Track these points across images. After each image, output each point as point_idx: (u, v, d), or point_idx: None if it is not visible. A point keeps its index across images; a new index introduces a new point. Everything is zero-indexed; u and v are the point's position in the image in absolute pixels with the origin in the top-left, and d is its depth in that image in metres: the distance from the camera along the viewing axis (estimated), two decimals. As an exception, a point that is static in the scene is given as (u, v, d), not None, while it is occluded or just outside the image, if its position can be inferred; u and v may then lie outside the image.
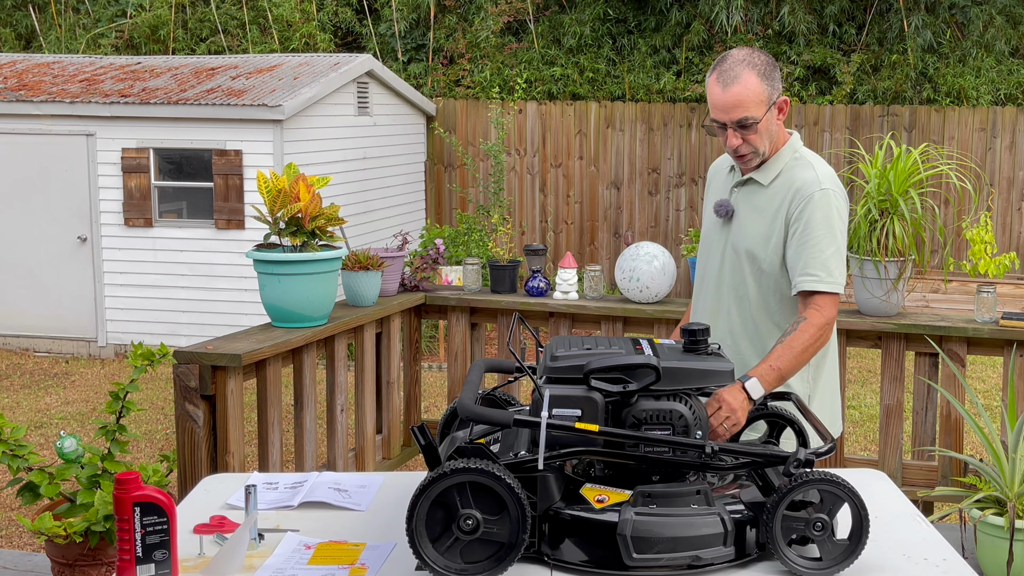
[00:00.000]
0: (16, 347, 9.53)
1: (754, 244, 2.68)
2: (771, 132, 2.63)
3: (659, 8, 11.93)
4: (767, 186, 2.68)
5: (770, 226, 2.66)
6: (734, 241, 2.73)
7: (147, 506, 1.83)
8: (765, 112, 2.58)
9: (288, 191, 3.89)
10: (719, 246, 2.77)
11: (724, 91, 2.56)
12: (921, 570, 1.91)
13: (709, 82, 2.61)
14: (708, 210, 2.85)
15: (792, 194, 2.63)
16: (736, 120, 2.57)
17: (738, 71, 2.56)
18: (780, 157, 2.69)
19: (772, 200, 2.67)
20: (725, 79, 2.56)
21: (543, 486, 1.87)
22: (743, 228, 2.71)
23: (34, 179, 9.33)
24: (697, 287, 2.90)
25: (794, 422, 2.27)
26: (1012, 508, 3.85)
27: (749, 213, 2.71)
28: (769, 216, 2.67)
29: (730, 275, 2.74)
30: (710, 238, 2.82)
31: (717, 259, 2.77)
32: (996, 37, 11.06)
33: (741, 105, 2.56)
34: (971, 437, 5.50)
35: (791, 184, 2.65)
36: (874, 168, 4.35)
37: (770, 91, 2.58)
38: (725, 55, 2.62)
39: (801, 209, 2.60)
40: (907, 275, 4.30)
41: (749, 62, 2.57)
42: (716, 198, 2.82)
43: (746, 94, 2.55)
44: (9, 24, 13.32)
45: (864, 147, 7.30)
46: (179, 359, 3.64)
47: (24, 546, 5.01)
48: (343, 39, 12.97)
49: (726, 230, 2.76)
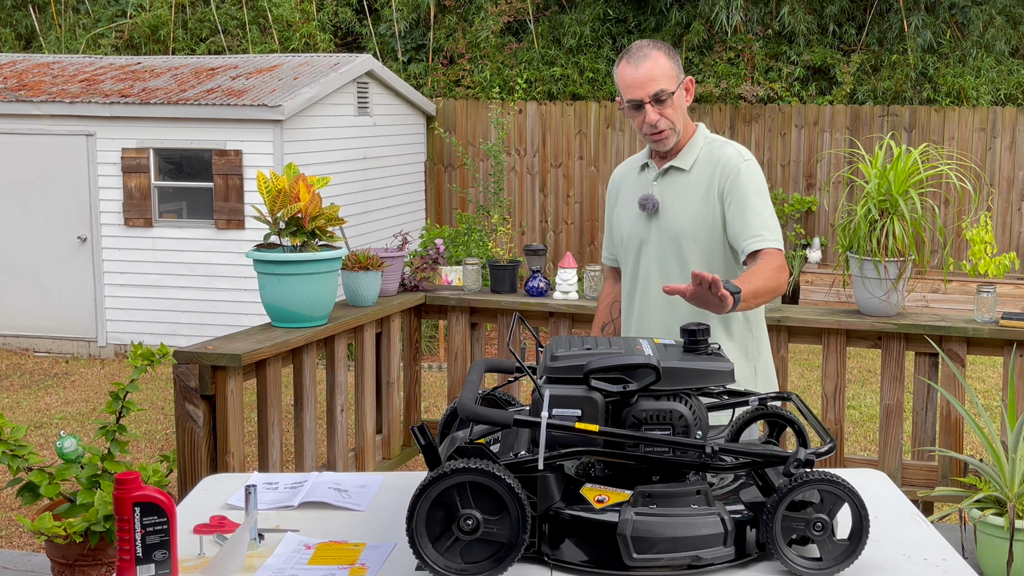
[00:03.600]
0: (16, 347, 9.53)
1: (691, 226, 2.79)
2: (683, 110, 2.79)
3: (659, 8, 11.93)
4: (689, 170, 2.81)
5: (702, 205, 2.78)
6: (668, 230, 2.82)
7: (147, 506, 1.83)
8: (676, 87, 2.73)
9: (288, 191, 3.89)
10: (651, 240, 2.85)
11: (637, 68, 2.71)
12: (921, 570, 1.91)
13: (620, 68, 2.75)
14: (625, 211, 2.93)
15: (719, 171, 2.77)
16: (652, 94, 2.70)
17: (647, 51, 2.73)
18: (694, 143, 2.83)
19: (698, 182, 2.80)
20: (636, 59, 2.72)
21: (543, 486, 1.87)
22: (674, 214, 2.81)
23: (34, 179, 9.34)
24: (630, 286, 2.94)
25: (794, 422, 2.28)
26: (1012, 508, 3.85)
27: (676, 199, 2.81)
28: (699, 197, 2.79)
29: (672, 265, 2.82)
30: (635, 237, 2.89)
31: (653, 253, 2.85)
32: (996, 37, 11.07)
33: (654, 79, 2.70)
34: (971, 437, 5.50)
35: (714, 162, 2.79)
36: (874, 168, 4.35)
37: (677, 70, 2.76)
38: (630, 46, 2.78)
39: (732, 182, 2.74)
40: (907, 275, 4.30)
41: (654, 45, 2.75)
42: (634, 195, 2.90)
43: (658, 69, 2.71)
44: (9, 24, 13.32)
45: (864, 147, 7.30)
46: (179, 359, 3.64)
47: (24, 546, 5.01)
48: (343, 39, 12.98)
49: (654, 222, 2.84)
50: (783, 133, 11.03)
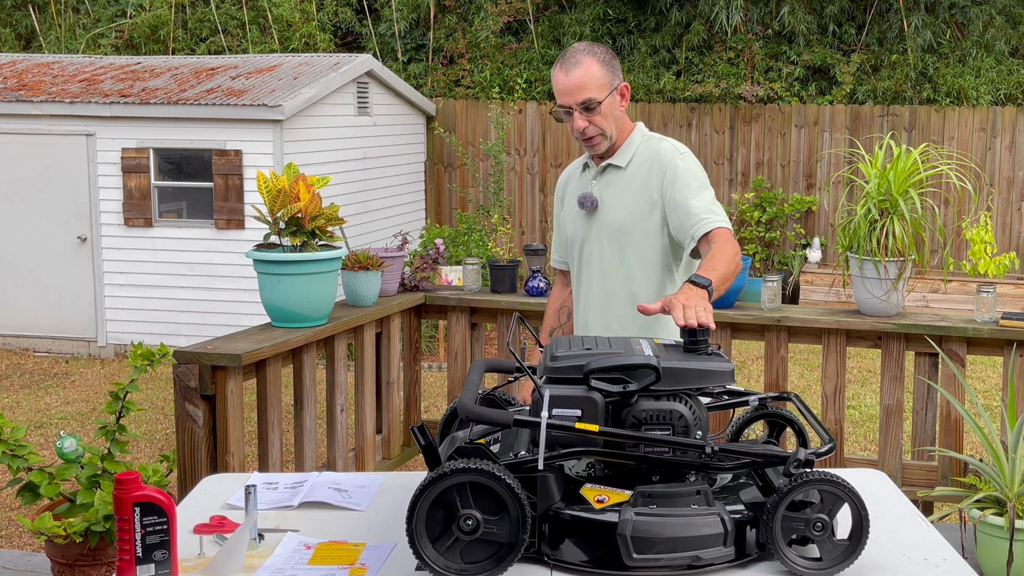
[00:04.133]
0: (16, 347, 9.53)
1: (628, 221, 2.83)
2: (616, 116, 2.80)
3: (659, 8, 11.93)
4: (626, 168, 2.85)
5: (640, 201, 2.82)
6: (607, 226, 2.86)
7: (147, 506, 1.83)
8: (607, 95, 2.75)
9: (288, 191, 3.89)
10: (592, 238, 2.89)
11: (567, 75, 2.73)
12: (921, 570, 1.91)
13: (554, 72, 2.78)
14: (567, 210, 2.98)
15: (656, 166, 2.81)
16: (580, 102, 2.73)
17: (579, 58, 2.74)
18: (632, 141, 2.87)
19: (635, 178, 2.83)
20: (567, 65, 2.74)
21: (543, 486, 1.87)
22: (613, 211, 2.85)
23: (34, 179, 9.34)
24: (576, 285, 3.00)
25: (794, 422, 2.28)
26: (1012, 508, 3.85)
27: (615, 197, 2.86)
28: (636, 193, 2.83)
29: (611, 261, 2.86)
30: (578, 236, 2.94)
31: (594, 250, 2.89)
32: (996, 37, 11.06)
33: (584, 87, 2.72)
34: (971, 437, 5.50)
35: (651, 158, 2.83)
36: (874, 168, 4.35)
37: (611, 77, 2.76)
38: (568, 48, 2.80)
39: (672, 175, 2.77)
40: (907, 275, 4.30)
41: (589, 51, 2.76)
42: (576, 195, 2.94)
43: (587, 77, 2.72)
44: (9, 24, 13.32)
45: (864, 147, 7.30)
46: (179, 359, 3.64)
47: (24, 546, 5.01)
48: (343, 39, 12.98)
49: (594, 220, 2.89)
50: (783, 133, 11.03)
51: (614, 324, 2.86)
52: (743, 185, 11.13)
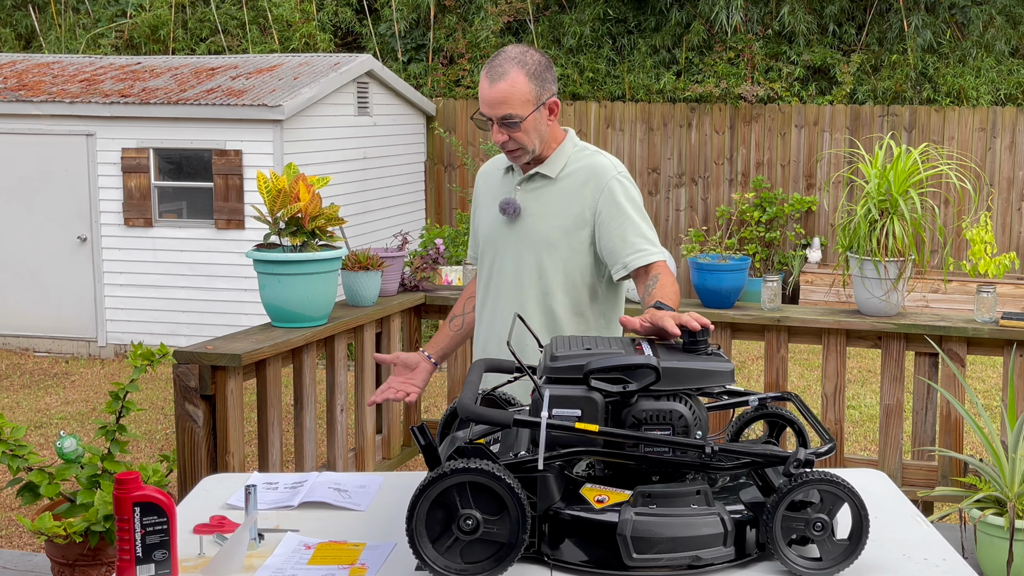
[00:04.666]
0: (16, 347, 9.53)
1: (553, 235, 2.67)
2: (540, 131, 2.63)
3: (659, 8, 11.93)
4: (556, 179, 2.69)
5: (569, 216, 2.66)
6: (529, 237, 2.70)
7: (147, 506, 1.83)
8: (532, 112, 2.57)
9: (288, 191, 3.89)
10: (510, 245, 2.73)
11: (491, 87, 2.55)
12: (921, 570, 1.91)
13: (481, 76, 2.59)
14: (486, 211, 2.81)
15: (592, 183, 2.66)
16: (500, 116, 2.56)
17: (507, 68, 2.55)
18: (563, 151, 2.71)
19: (566, 191, 2.68)
20: (493, 75, 2.55)
21: (543, 486, 1.87)
22: (537, 223, 2.69)
23: (34, 179, 9.34)
24: (484, 288, 2.83)
25: (794, 422, 2.28)
26: (1012, 508, 3.85)
27: (541, 208, 2.69)
28: (565, 207, 2.67)
29: (529, 274, 2.70)
30: (493, 241, 2.78)
31: (510, 261, 2.73)
32: (996, 37, 11.07)
33: (505, 102, 2.54)
34: (971, 437, 5.50)
35: (586, 173, 2.68)
36: (874, 168, 4.35)
37: (538, 91, 2.57)
38: (500, 51, 2.61)
39: (610, 196, 2.64)
40: (907, 275, 4.30)
41: (520, 60, 2.56)
42: (496, 198, 2.78)
43: (511, 92, 2.54)
44: (9, 24, 13.32)
45: (864, 147, 7.30)
46: (179, 359, 3.64)
47: (24, 546, 5.01)
48: (343, 39, 12.98)
49: (515, 228, 2.72)
50: (783, 133, 11.03)
51: (527, 340, 2.63)
52: (743, 185, 11.13)
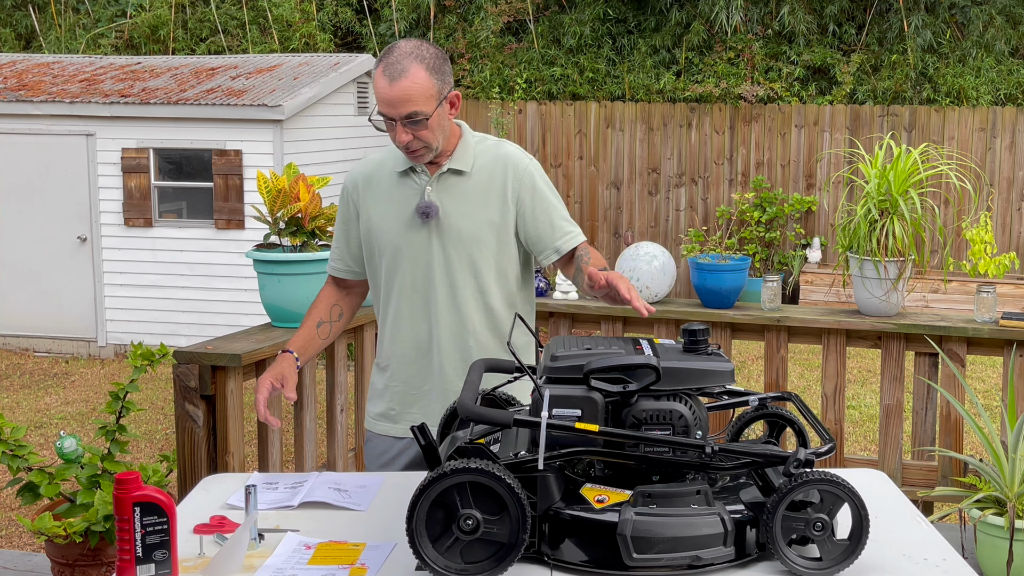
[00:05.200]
0: (16, 347, 9.53)
1: (483, 232, 2.62)
2: (444, 127, 2.54)
3: (659, 8, 11.93)
4: (470, 173, 2.62)
5: (492, 209, 2.62)
6: (455, 236, 2.61)
7: (147, 506, 1.83)
8: (436, 107, 2.47)
9: (288, 191, 3.89)
10: (432, 247, 2.62)
11: (391, 85, 2.41)
12: (921, 570, 1.91)
13: (376, 75, 2.45)
14: (382, 217, 2.65)
15: (508, 172, 2.62)
16: (404, 115, 2.43)
17: (405, 64, 2.42)
18: (466, 144, 2.64)
19: (481, 184, 2.62)
20: (392, 72, 2.42)
21: (543, 486, 1.87)
22: (460, 221, 2.61)
23: (34, 179, 9.34)
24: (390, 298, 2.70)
25: (794, 422, 2.28)
26: (1012, 508, 3.85)
27: (460, 205, 2.61)
28: (485, 200, 2.61)
29: (462, 273, 2.63)
30: (406, 244, 2.63)
31: (436, 263, 2.63)
32: (996, 37, 11.07)
33: (410, 100, 2.42)
34: (971, 437, 5.50)
35: (499, 163, 2.63)
36: (874, 168, 4.35)
37: (440, 85, 2.47)
38: (392, 46, 2.47)
39: (530, 183, 2.63)
40: (907, 275, 4.30)
41: (417, 55, 2.44)
42: (394, 202, 2.64)
43: (415, 89, 2.42)
44: (9, 24, 13.32)
45: (864, 147, 7.30)
46: (179, 359, 3.64)
47: (24, 546, 5.01)
48: (343, 39, 12.98)
49: (435, 229, 2.61)
50: (783, 133, 11.03)
51: (471, 342, 2.62)
52: (743, 185, 11.13)
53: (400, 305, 2.68)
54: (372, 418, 2.85)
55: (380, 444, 2.82)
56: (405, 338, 2.70)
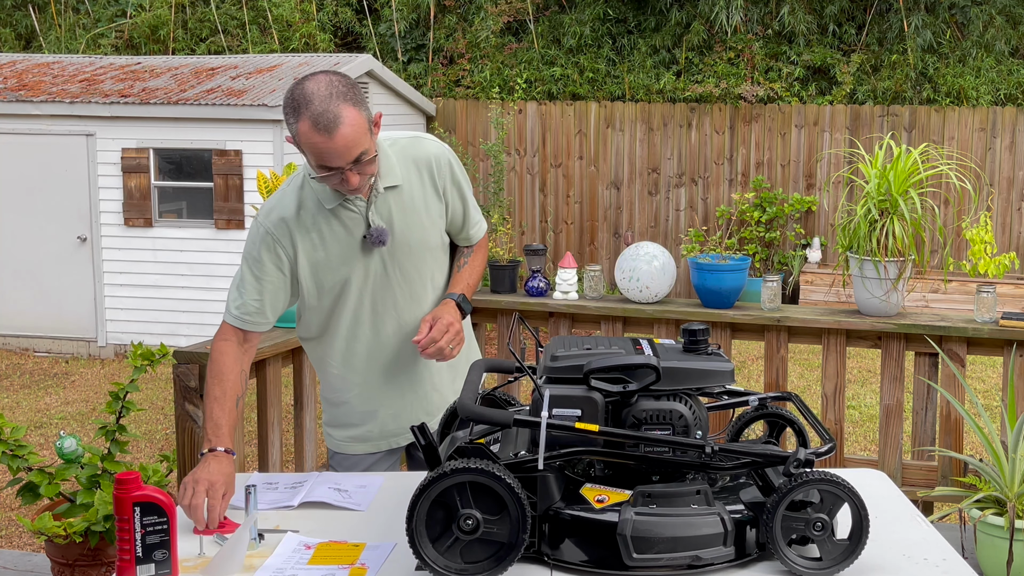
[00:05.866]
0: (16, 347, 9.53)
1: (431, 239, 2.63)
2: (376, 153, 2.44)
3: (659, 8, 11.93)
4: (402, 184, 2.56)
5: (432, 213, 2.62)
6: (405, 253, 2.59)
7: (147, 506, 1.83)
8: (372, 140, 2.36)
9: (288, 191, 3.89)
10: (387, 272, 2.59)
11: (332, 138, 2.27)
12: (921, 570, 1.91)
13: (302, 129, 2.28)
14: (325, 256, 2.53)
15: (432, 169, 2.60)
16: (353, 160, 2.32)
17: (334, 109, 2.26)
18: (386, 157, 2.54)
19: (415, 192, 2.58)
20: (325, 123, 2.26)
21: (543, 486, 1.87)
22: (409, 236, 2.58)
23: (34, 179, 9.34)
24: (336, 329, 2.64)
25: (794, 422, 2.28)
26: (1012, 508, 3.85)
27: (403, 218, 2.56)
28: (421, 206, 2.59)
29: (419, 288, 2.64)
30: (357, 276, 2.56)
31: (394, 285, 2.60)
32: (996, 37, 11.07)
33: (355, 144, 2.29)
34: (971, 437, 5.50)
35: (421, 163, 2.59)
36: (874, 168, 4.35)
37: (367, 115, 2.36)
38: (303, 94, 2.29)
39: (450, 173, 2.64)
40: (907, 275, 4.30)
41: (338, 94, 2.29)
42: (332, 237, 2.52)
43: (355, 131, 2.29)
44: (9, 24, 13.32)
45: (864, 147, 7.31)
46: (179, 359, 3.64)
47: (24, 546, 5.01)
48: (343, 39, 12.98)
49: (383, 255, 2.56)
50: (783, 133, 11.03)
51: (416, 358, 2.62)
52: (743, 185, 11.13)
53: (360, 332, 2.63)
54: (343, 441, 2.77)
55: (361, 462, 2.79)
56: (373, 364, 2.66)
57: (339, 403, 2.75)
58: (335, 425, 2.78)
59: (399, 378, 2.69)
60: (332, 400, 2.76)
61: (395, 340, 2.65)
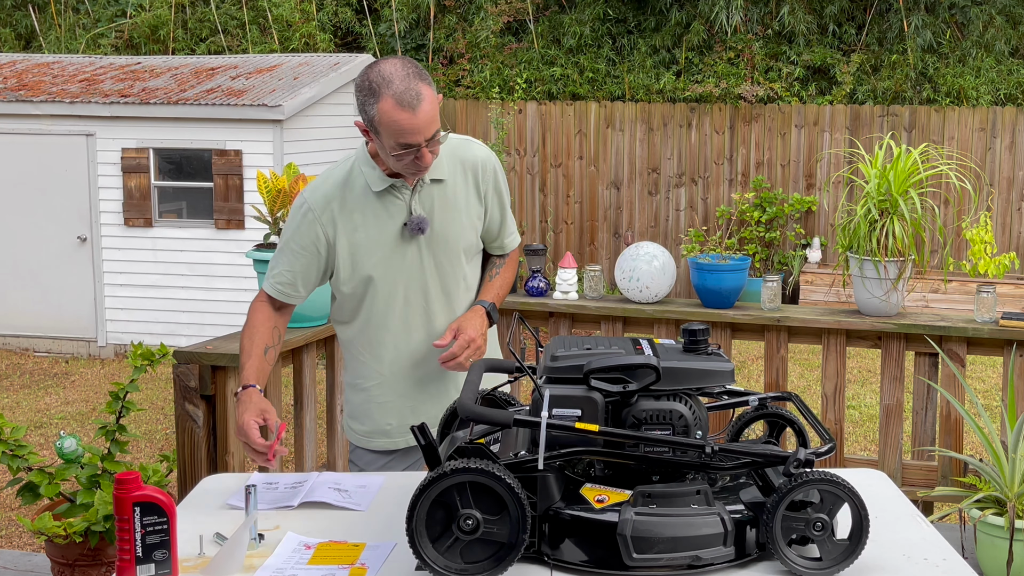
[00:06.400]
0: (16, 347, 9.53)
1: (467, 236, 2.68)
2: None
3: (659, 8, 11.93)
4: (447, 180, 2.63)
5: (471, 213, 2.68)
6: (442, 247, 2.64)
7: (147, 506, 1.83)
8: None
9: (288, 191, 3.89)
10: (425, 260, 2.64)
11: (416, 114, 2.37)
12: (921, 570, 1.91)
13: (385, 108, 2.37)
14: (364, 239, 2.59)
15: (477, 171, 2.68)
16: (429, 137, 2.42)
17: (416, 88, 2.38)
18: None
19: (457, 189, 2.65)
20: (409, 101, 2.36)
21: (543, 486, 1.87)
22: (446, 228, 2.63)
23: (34, 179, 9.34)
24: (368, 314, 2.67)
25: (794, 422, 2.28)
26: (1012, 508, 3.85)
27: (444, 214, 2.63)
28: (462, 204, 2.66)
29: (455, 285, 2.68)
30: (395, 261, 2.61)
31: (430, 277, 2.65)
32: (996, 37, 11.07)
33: (433, 120, 2.42)
34: (971, 437, 5.50)
35: (468, 164, 2.67)
36: (874, 168, 4.35)
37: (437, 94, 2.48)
38: (382, 75, 2.39)
39: (494, 179, 2.71)
40: (907, 275, 4.30)
41: (415, 74, 2.40)
42: (374, 220, 2.59)
43: (433, 109, 2.41)
44: (9, 24, 13.32)
45: (864, 147, 7.31)
46: (179, 359, 3.64)
47: (24, 546, 5.01)
48: (343, 39, 12.98)
49: (420, 244, 2.62)
50: (783, 133, 11.03)
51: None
52: (743, 185, 11.13)
53: (393, 322, 2.67)
54: (362, 435, 2.79)
55: (378, 459, 2.80)
56: (402, 353, 2.69)
57: (361, 389, 2.77)
58: (355, 417, 2.81)
59: (422, 372, 2.71)
60: (355, 386, 2.79)
61: (423, 333, 2.69)
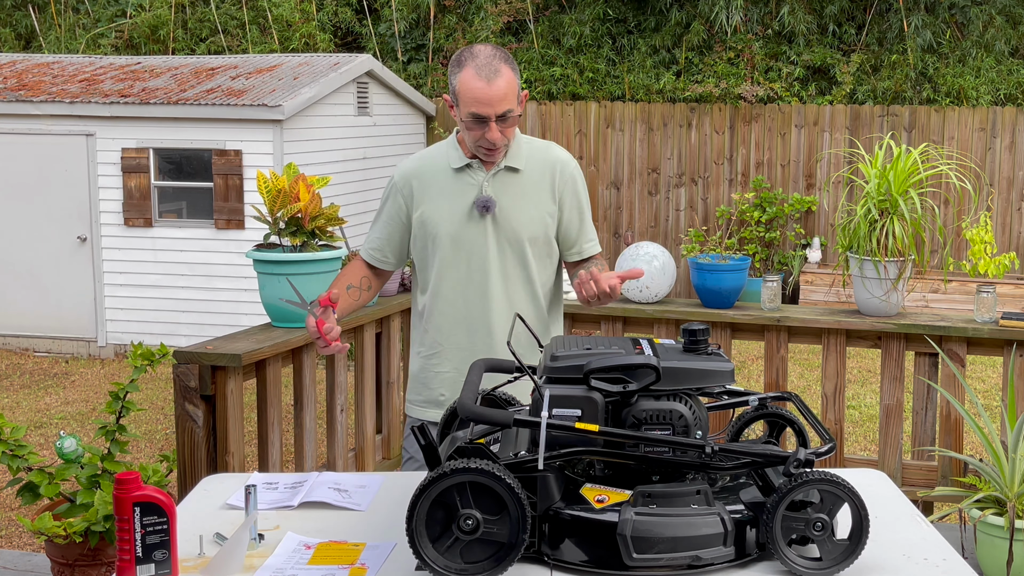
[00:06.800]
0: (16, 347, 9.53)
1: (532, 227, 2.75)
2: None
3: (659, 8, 11.93)
4: (523, 171, 2.75)
5: (541, 207, 2.76)
6: (509, 232, 2.74)
7: (147, 506, 1.83)
8: (519, 106, 2.64)
9: (288, 191, 3.89)
10: (490, 243, 2.74)
11: (489, 85, 2.55)
12: (921, 570, 1.91)
13: (467, 78, 2.56)
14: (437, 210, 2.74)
15: (557, 172, 2.77)
16: (500, 114, 2.58)
17: (498, 65, 2.57)
18: (519, 143, 2.76)
19: (531, 182, 2.76)
20: (487, 73, 2.55)
21: (543, 486, 1.87)
22: (514, 216, 2.73)
23: (34, 179, 9.34)
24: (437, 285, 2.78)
25: (794, 422, 2.28)
26: (1012, 508, 3.85)
27: (513, 201, 2.74)
28: (536, 198, 2.76)
29: (516, 273, 2.77)
30: (463, 239, 2.73)
31: (493, 256, 2.74)
32: (996, 37, 11.07)
33: (506, 98, 2.58)
34: (971, 437, 5.50)
35: (549, 163, 2.78)
36: (874, 168, 4.35)
37: (519, 85, 2.65)
38: (471, 50, 2.61)
39: (574, 185, 2.80)
40: (907, 275, 4.30)
41: (502, 56, 2.60)
42: (450, 195, 2.74)
43: (509, 88, 2.58)
44: (9, 24, 13.32)
45: (864, 147, 7.30)
46: (179, 359, 3.64)
47: (24, 546, 5.01)
48: (343, 39, 12.98)
49: (490, 225, 2.73)
50: (783, 133, 11.03)
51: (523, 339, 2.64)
52: (743, 185, 11.13)
53: (453, 294, 2.78)
54: (417, 405, 2.89)
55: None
56: (459, 325, 2.79)
57: (422, 357, 2.85)
58: (414, 388, 2.89)
59: (476, 347, 2.76)
60: (417, 354, 2.88)
61: (479, 310, 2.76)
